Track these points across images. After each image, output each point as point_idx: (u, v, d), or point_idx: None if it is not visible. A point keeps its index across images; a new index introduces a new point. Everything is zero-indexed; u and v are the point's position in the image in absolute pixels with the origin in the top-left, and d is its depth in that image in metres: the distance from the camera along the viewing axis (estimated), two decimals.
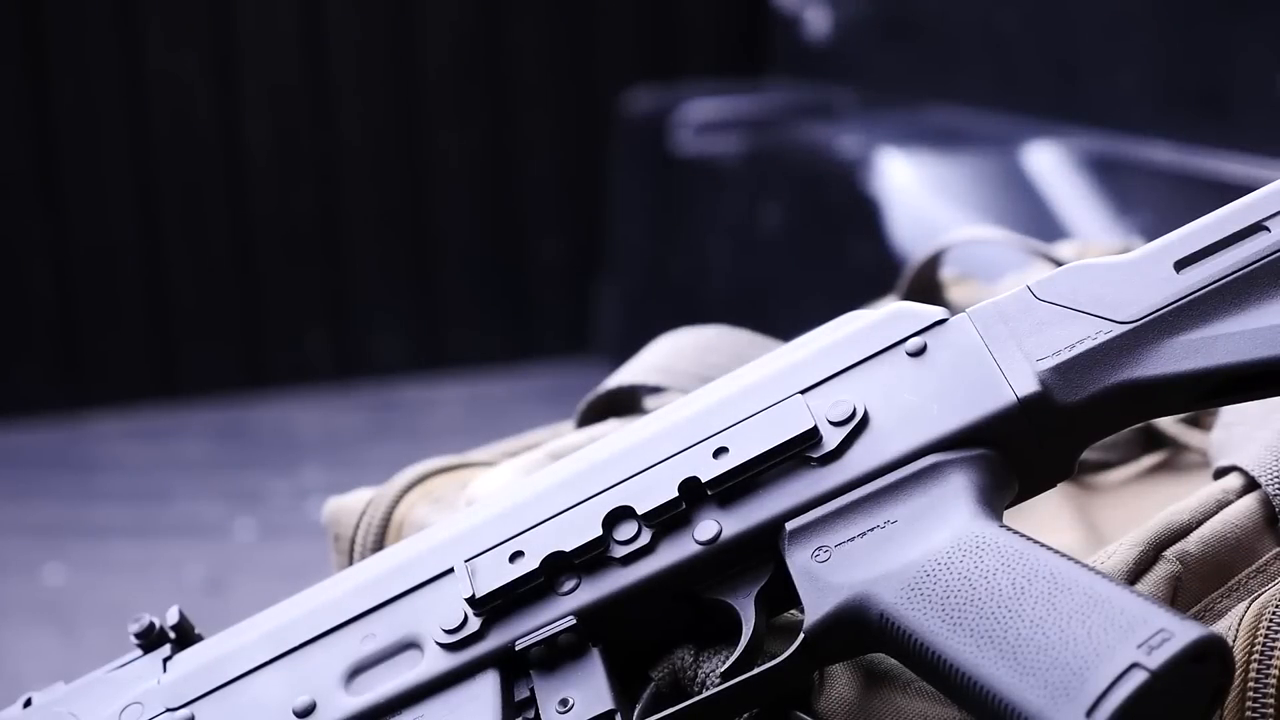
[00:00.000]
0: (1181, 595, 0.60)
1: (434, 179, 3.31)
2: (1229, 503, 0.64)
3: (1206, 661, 0.51)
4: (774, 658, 0.57)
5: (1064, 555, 0.54)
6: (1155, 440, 0.81)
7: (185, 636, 0.66)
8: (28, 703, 0.66)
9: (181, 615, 0.67)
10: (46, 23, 3.11)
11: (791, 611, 0.60)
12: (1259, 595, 0.58)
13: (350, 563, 0.77)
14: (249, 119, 3.23)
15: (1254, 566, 0.62)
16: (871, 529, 0.57)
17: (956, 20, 2.06)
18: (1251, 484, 0.65)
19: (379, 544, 0.76)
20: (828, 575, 0.57)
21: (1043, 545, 0.54)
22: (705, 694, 0.58)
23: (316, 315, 3.34)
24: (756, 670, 0.57)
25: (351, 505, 0.79)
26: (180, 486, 2.85)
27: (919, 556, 0.55)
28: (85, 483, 2.91)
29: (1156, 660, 0.49)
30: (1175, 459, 0.80)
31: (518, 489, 0.65)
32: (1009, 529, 0.56)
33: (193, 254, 3.26)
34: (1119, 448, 0.81)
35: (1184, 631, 0.50)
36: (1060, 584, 0.53)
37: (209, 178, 3.24)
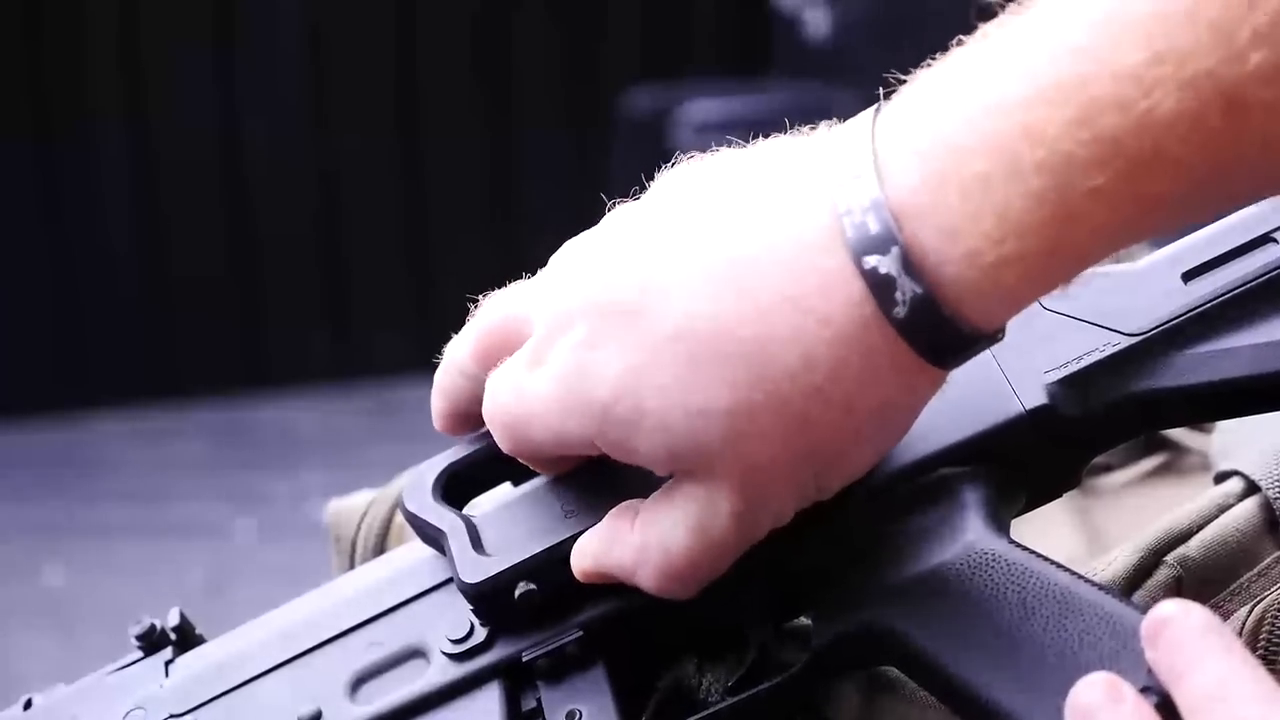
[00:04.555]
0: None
1: (434, 178, 3.31)
2: (1229, 507, 0.64)
3: None
4: (782, 668, 0.57)
5: (1073, 573, 0.54)
6: (1156, 443, 0.81)
7: (187, 639, 0.66)
8: (28, 704, 0.66)
9: (183, 617, 0.66)
10: (46, 21, 3.11)
11: (801, 618, 0.60)
12: (1261, 599, 0.59)
13: (351, 565, 0.77)
14: (249, 118, 3.23)
15: (1255, 570, 0.62)
16: (880, 543, 0.57)
17: (956, 20, 2.06)
18: (1252, 488, 0.65)
19: (380, 546, 0.76)
20: (836, 591, 0.57)
21: (1051, 562, 0.54)
22: (713, 708, 0.58)
23: (317, 315, 3.34)
24: (764, 685, 0.57)
25: (353, 507, 0.79)
26: (180, 487, 2.85)
27: (928, 572, 0.55)
28: (85, 483, 2.91)
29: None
30: (1176, 462, 0.80)
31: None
32: (1017, 544, 0.55)
33: (193, 254, 3.26)
34: (1119, 451, 0.81)
35: None
36: (1069, 605, 0.52)
37: (209, 178, 3.24)
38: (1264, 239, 0.59)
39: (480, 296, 0.61)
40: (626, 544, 0.54)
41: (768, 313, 0.49)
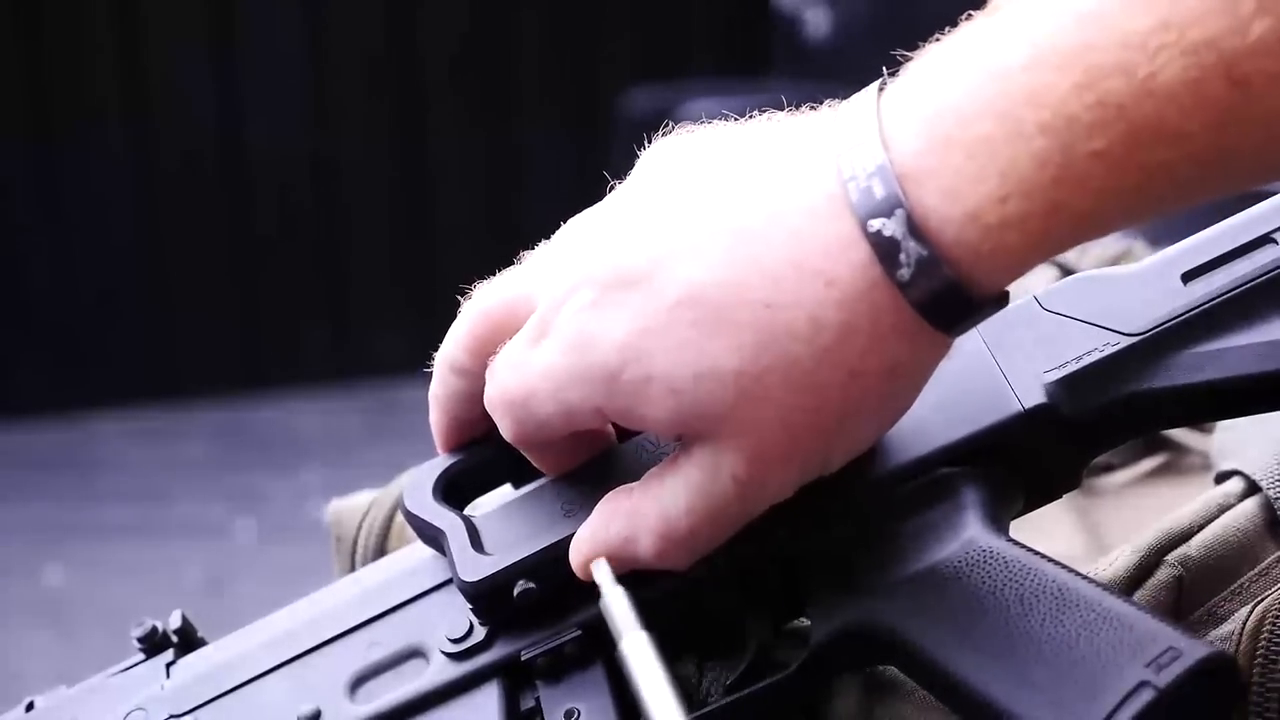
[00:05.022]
0: (1184, 600, 0.61)
1: (434, 178, 3.31)
2: (1230, 507, 0.64)
3: (1214, 679, 0.51)
4: (781, 666, 0.57)
5: (1071, 570, 0.54)
6: (1156, 443, 0.81)
7: (188, 641, 0.66)
8: (30, 706, 0.66)
9: (184, 619, 0.66)
10: (46, 21, 3.11)
11: (800, 619, 0.60)
12: (1261, 600, 0.59)
13: (352, 565, 0.77)
14: (250, 118, 3.23)
15: (1256, 570, 0.62)
16: (879, 541, 0.57)
17: (956, 21, 2.06)
18: (1253, 488, 0.65)
19: (381, 547, 0.76)
20: (836, 589, 0.57)
21: (1050, 559, 0.54)
22: (712, 705, 0.58)
23: (317, 315, 3.34)
24: (764, 683, 0.57)
25: (354, 507, 0.79)
26: (180, 487, 2.85)
27: (926, 570, 0.55)
28: (85, 483, 2.91)
29: (1165, 679, 0.49)
30: (1176, 461, 0.80)
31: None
32: (1015, 543, 0.56)
33: (193, 254, 3.26)
34: (1120, 450, 0.81)
35: (1192, 650, 0.50)
36: (1067, 601, 0.53)
37: (209, 178, 3.24)
38: (1263, 240, 0.60)
39: (469, 291, 0.60)
40: (622, 514, 0.54)
41: (774, 277, 0.49)
